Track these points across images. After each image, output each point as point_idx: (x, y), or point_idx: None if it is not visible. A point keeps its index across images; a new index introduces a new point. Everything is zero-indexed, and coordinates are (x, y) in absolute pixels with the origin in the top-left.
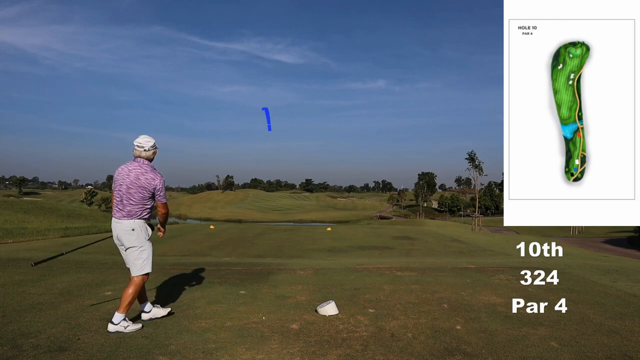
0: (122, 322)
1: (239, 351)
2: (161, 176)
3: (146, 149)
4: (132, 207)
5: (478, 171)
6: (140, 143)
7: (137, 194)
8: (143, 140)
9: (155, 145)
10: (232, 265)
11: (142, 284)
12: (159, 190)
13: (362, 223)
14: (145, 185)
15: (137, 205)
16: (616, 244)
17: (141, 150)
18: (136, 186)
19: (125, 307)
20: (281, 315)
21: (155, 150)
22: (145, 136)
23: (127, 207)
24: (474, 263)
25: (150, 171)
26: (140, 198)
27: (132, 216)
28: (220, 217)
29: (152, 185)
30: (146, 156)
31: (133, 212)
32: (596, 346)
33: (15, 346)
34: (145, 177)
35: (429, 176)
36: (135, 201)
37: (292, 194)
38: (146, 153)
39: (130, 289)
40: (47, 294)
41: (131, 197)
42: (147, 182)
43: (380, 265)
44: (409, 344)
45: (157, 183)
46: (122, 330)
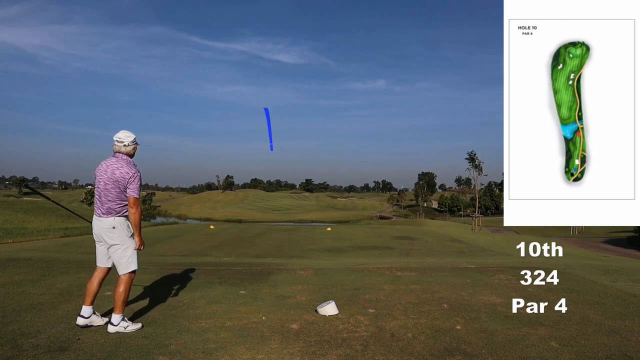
0: (122, 322)
1: (239, 351)
2: (136, 170)
3: (126, 144)
4: (110, 203)
5: (478, 171)
6: (119, 138)
7: (113, 189)
8: (123, 135)
9: (135, 141)
10: (232, 265)
11: (130, 281)
12: (131, 183)
13: (362, 223)
14: (119, 179)
15: (115, 201)
16: (616, 244)
17: (120, 145)
18: (112, 181)
19: (120, 306)
20: (281, 315)
21: (136, 146)
22: (125, 131)
23: (105, 204)
24: (474, 263)
25: (126, 165)
26: (117, 193)
27: (111, 213)
28: (220, 217)
29: (125, 178)
30: (126, 151)
31: (112, 209)
32: (596, 346)
33: (15, 346)
34: (120, 172)
35: (429, 176)
36: (112, 197)
37: (292, 194)
38: (126, 148)
39: (120, 287)
40: (47, 294)
41: (108, 193)
42: (121, 175)
43: (380, 265)
44: (409, 344)
45: (130, 176)
46: (122, 331)
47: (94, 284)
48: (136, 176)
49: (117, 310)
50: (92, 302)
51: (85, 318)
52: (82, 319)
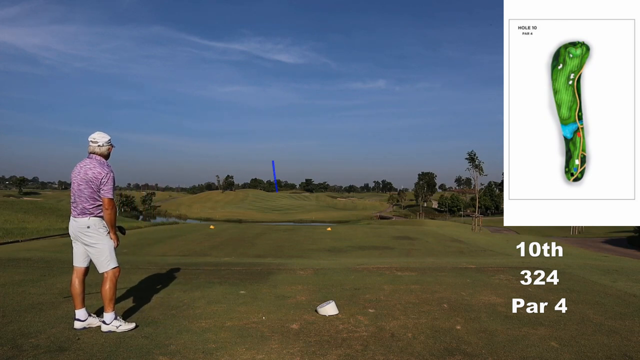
0: (114, 321)
1: (239, 351)
2: (109, 170)
3: (100, 144)
4: (84, 204)
5: (478, 171)
6: (94, 138)
7: (86, 189)
8: (97, 135)
9: (110, 142)
10: (232, 265)
11: (115, 278)
12: (104, 184)
13: (362, 223)
14: (92, 179)
15: (88, 201)
16: (616, 244)
17: (95, 145)
18: (85, 182)
19: (109, 304)
20: (281, 315)
21: (110, 147)
22: (100, 132)
23: (79, 205)
24: (474, 263)
25: (99, 166)
26: (89, 193)
27: (85, 214)
28: (220, 217)
29: (97, 178)
30: (100, 152)
31: (86, 210)
32: (596, 346)
33: (15, 346)
34: (93, 172)
35: (429, 176)
36: (85, 197)
37: (292, 194)
38: (100, 149)
39: (106, 285)
40: (47, 294)
41: (82, 194)
42: (94, 175)
43: (380, 265)
44: (409, 344)
45: (103, 176)
46: (114, 330)
47: (76, 285)
48: (109, 177)
49: (107, 308)
50: (83, 304)
51: (82, 321)
52: (79, 322)
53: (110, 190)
